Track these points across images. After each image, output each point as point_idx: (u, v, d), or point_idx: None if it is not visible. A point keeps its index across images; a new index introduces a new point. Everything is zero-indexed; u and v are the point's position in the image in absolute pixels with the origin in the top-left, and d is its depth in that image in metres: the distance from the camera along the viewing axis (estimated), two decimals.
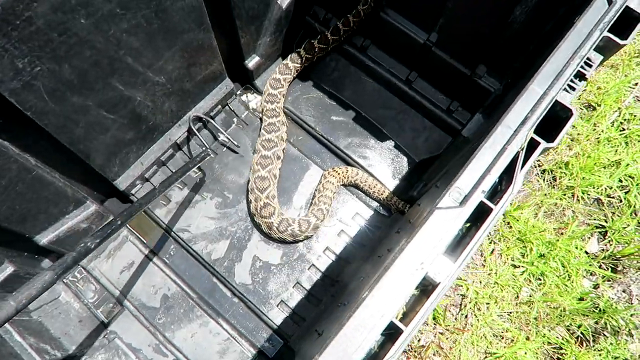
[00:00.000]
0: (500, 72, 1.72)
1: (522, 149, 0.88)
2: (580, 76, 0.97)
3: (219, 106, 1.97)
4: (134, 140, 1.71)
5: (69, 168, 1.58)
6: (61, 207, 1.61)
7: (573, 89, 0.95)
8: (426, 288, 0.84)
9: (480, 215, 0.86)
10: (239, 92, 2.06)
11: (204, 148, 1.87)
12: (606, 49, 0.99)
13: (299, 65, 2.01)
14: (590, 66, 0.98)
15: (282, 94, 2.01)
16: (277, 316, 1.79)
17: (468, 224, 0.93)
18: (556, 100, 0.92)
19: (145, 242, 1.88)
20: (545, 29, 1.41)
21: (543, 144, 0.89)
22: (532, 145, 0.91)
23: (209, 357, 1.75)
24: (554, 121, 0.94)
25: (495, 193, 0.92)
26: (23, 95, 1.20)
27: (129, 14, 1.30)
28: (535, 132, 0.92)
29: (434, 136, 1.98)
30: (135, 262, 1.85)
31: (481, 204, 0.85)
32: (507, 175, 0.90)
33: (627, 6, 1.00)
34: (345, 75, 2.08)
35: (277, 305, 1.81)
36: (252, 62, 1.96)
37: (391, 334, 0.82)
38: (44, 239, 1.62)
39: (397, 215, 1.89)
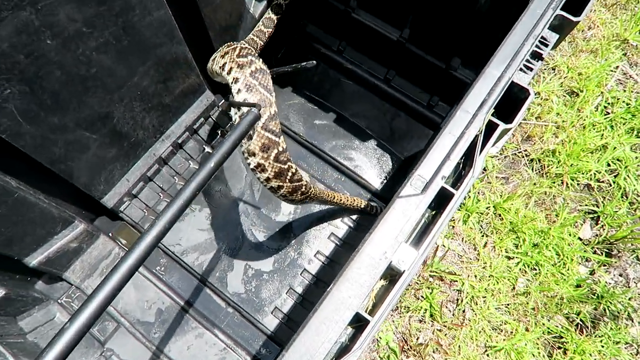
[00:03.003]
0: (475, 63, 1.72)
1: (480, 132, 0.89)
2: (537, 56, 0.97)
3: (202, 119, 1.98)
4: (117, 157, 1.73)
5: (53, 188, 1.60)
6: (48, 228, 1.63)
7: (530, 69, 0.96)
8: (393, 278, 0.84)
9: (442, 201, 0.86)
10: (221, 104, 2.08)
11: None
12: (561, 27, 1.00)
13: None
14: (546, 45, 0.99)
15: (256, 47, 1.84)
16: (272, 323, 1.79)
17: (434, 212, 0.93)
18: (512, 82, 0.93)
19: None
20: (511, 15, 1.42)
21: (502, 126, 0.90)
22: (491, 128, 0.91)
23: None
24: (512, 103, 0.94)
25: (460, 178, 0.93)
26: None
27: (96, 32, 1.32)
28: (495, 114, 0.93)
29: (417, 132, 1.99)
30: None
31: (442, 189, 0.85)
32: (469, 159, 0.91)
33: None
34: (325, 79, 2.09)
35: (272, 312, 1.80)
36: None
37: (359, 326, 0.82)
38: (34, 260, 1.62)
39: None
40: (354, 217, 1.92)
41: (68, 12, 1.22)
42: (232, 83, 1.30)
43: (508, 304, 2.06)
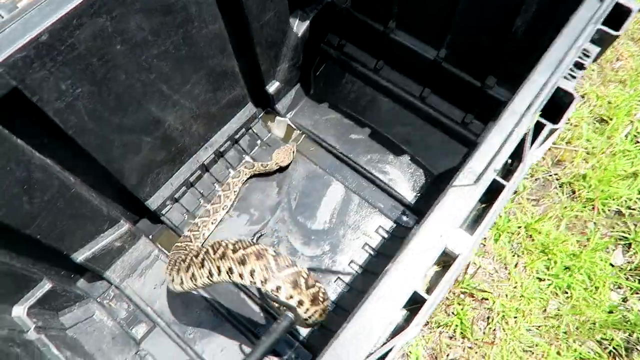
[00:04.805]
0: (511, 82, 1.79)
1: (529, 130, 0.94)
2: (579, 66, 1.03)
3: (243, 129, 2.08)
4: (165, 161, 1.81)
5: (105, 187, 1.69)
6: (97, 225, 1.70)
7: (574, 77, 1.02)
8: (447, 263, 0.88)
9: (493, 192, 0.91)
10: (261, 116, 2.17)
11: None
12: (602, 41, 1.06)
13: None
14: (588, 57, 1.05)
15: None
16: (305, 329, 1.82)
17: (484, 205, 0.98)
18: (558, 87, 0.98)
19: None
20: (547, 37, 1.49)
21: (549, 126, 0.95)
22: (539, 129, 0.97)
23: None
24: (558, 107, 1.00)
25: (508, 174, 0.97)
26: (65, 115, 1.32)
27: (159, 41, 1.43)
28: (542, 117, 0.99)
29: (451, 149, 2.04)
30: (166, 280, 1.91)
31: (494, 181, 0.90)
32: (517, 157, 0.96)
33: (617, 2, 1.08)
34: (362, 96, 2.18)
35: None
36: (272, 87, 2.08)
37: (414, 308, 0.85)
38: (80, 256, 1.70)
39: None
40: (387, 227, 1.96)
41: (138, 20, 1.33)
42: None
43: (539, 326, 2.04)
